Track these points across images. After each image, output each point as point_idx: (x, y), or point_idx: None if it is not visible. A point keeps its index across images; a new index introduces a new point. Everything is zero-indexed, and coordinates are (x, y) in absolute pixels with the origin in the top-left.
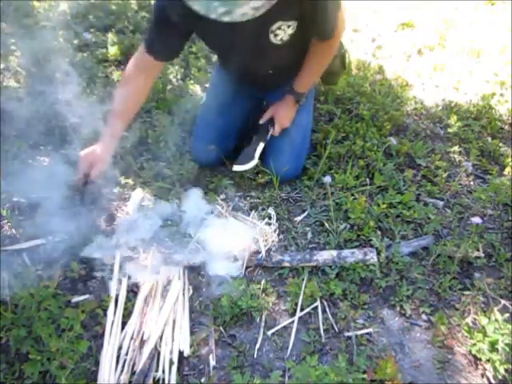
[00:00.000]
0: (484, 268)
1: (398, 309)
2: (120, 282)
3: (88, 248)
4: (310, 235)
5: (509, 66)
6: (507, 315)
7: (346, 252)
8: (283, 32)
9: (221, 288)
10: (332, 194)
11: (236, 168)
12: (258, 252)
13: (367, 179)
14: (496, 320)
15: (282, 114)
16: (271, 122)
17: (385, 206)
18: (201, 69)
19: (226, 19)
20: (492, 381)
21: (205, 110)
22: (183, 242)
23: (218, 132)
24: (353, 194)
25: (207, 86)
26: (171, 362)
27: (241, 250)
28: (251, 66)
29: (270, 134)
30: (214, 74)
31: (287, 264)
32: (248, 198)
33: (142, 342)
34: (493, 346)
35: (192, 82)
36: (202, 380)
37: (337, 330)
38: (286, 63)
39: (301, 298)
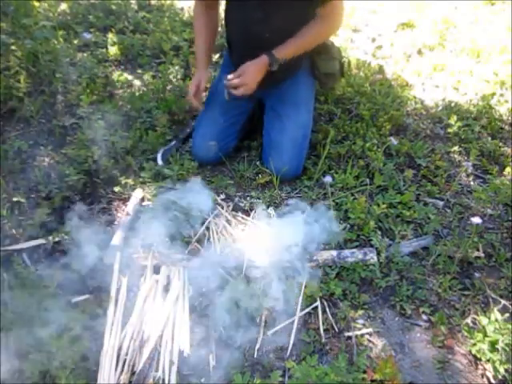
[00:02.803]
0: (484, 268)
1: (398, 309)
2: (120, 281)
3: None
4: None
5: (509, 65)
6: (507, 315)
7: (346, 252)
8: None
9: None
10: (332, 193)
11: None
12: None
13: (367, 179)
14: (496, 320)
15: (250, 69)
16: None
17: (385, 206)
18: None
19: None
20: (492, 381)
21: (207, 108)
22: (183, 242)
23: (218, 130)
24: (353, 194)
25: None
26: (171, 362)
27: None
28: (254, 20)
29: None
30: (218, 75)
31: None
32: (248, 198)
33: (142, 342)
34: (493, 346)
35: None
36: (202, 380)
37: (337, 329)
38: (285, 32)
39: (301, 297)
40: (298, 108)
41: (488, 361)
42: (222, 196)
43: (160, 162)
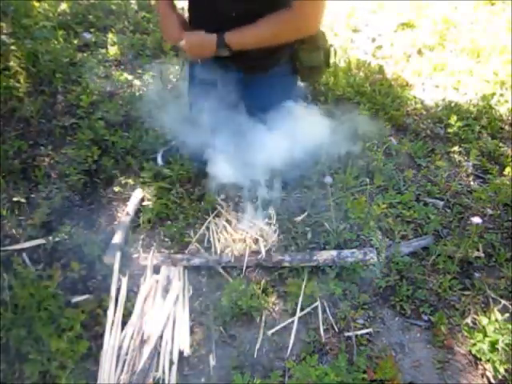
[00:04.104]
0: (484, 268)
1: (398, 309)
2: (120, 281)
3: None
4: (309, 235)
5: (509, 65)
6: (507, 315)
7: (345, 252)
8: None
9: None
10: (332, 194)
11: None
12: (258, 252)
13: (367, 179)
14: (496, 320)
15: (192, 39)
16: None
17: (385, 206)
18: None
19: None
20: (492, 381)
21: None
22: (183, 242)
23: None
24: (353, 194)
25: None
26: (171, 362)
27: None
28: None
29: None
30: (192, 90)
31: (287, 264)
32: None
33: (142, 342)
34: (493, 346)
35: None
36: (202, 380)
37: (337, 330)
38: (250, 13)
39: (301, 298)
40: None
41: (488, 361)
42: (222, 196)
43: (160, 161)
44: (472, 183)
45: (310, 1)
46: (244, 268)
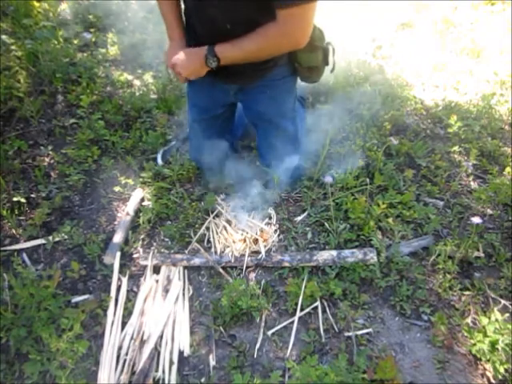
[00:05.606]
0: (484, 268)
1: (398, 309)
2: (120, 281)
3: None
4: (309, 235)
5: (509, 65)
6: (507, 315)
7: (345, 252)
8: None
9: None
10: (332, 193)
11: None
12: (258, 252)
13: (367, 179)
14: (496, 320)
15: (181, 57)
16: None
17: (385, 206)
18: None
19: None
20: (492, 381)
21: (192, 125)
22: (183, 242)
23: (209, 143)
24: (353, 194)
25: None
26: (171, 362)
27: None
28: (210, 8)
29: None
30: (190, 92)
31: (287, 264)
32: (248, 198)
33: (142, 342)
34: (493, 346)
35: None
36: (202, 380)
37: (337, 330)
38: (243, 24)
39: (301, 298)
40: (283, 124)
41: (488, 361)
42: (222, 196)
43: (160, 161)
44: (472, 183)
45: (295, 14)
46: (244, 268)
